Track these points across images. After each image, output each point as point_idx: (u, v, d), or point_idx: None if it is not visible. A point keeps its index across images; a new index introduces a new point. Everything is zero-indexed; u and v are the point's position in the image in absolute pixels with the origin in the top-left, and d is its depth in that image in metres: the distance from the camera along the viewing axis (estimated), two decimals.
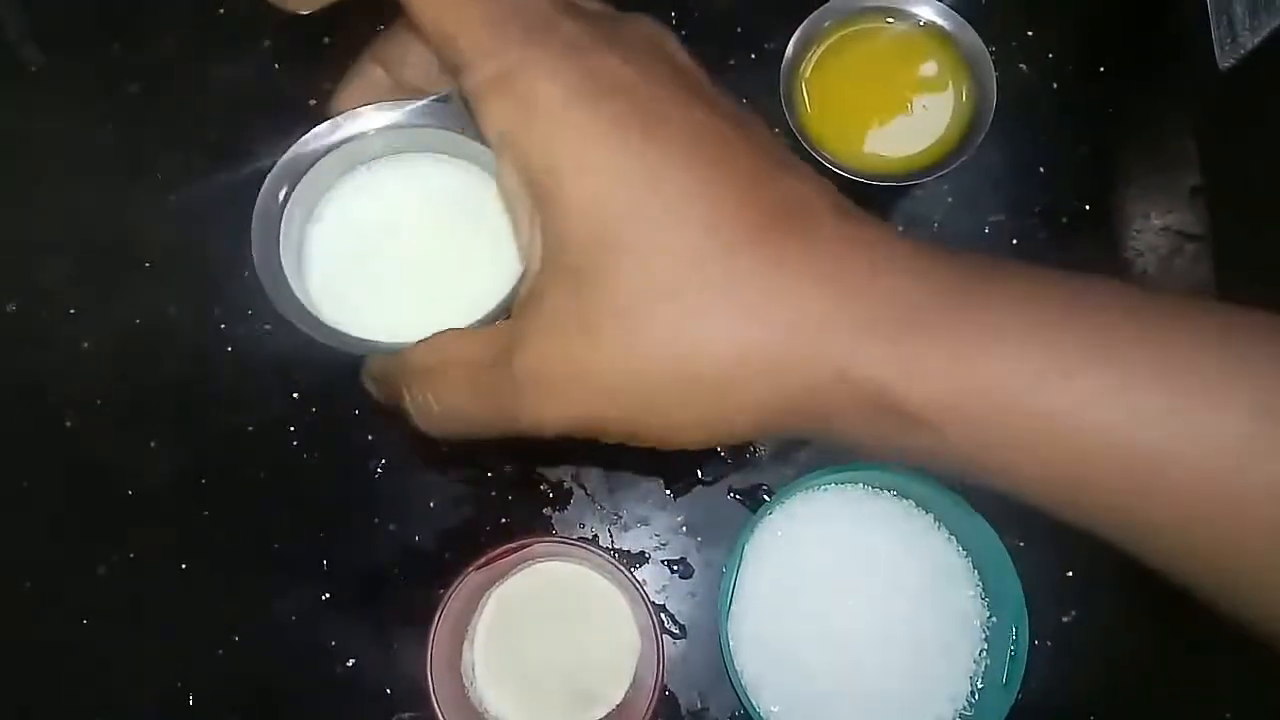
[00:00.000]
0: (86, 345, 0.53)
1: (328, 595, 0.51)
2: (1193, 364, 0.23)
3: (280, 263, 0.33)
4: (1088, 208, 0.55)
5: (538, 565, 0.49)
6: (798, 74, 0.47)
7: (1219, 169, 0.54)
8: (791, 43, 0.46)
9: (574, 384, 0.25)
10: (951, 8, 0.47)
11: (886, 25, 0.47)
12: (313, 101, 0.55)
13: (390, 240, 0.35)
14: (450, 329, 0.28)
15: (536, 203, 0.25)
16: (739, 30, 0.56)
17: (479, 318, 0.30)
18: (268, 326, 0.53)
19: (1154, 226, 0.55)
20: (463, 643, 0.48)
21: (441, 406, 0.28)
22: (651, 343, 0.23)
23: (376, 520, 0.51)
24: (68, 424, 0.52)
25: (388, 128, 0.33)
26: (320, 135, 0.33)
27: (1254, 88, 0.50)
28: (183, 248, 0.54)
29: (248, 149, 0.55)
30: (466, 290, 0.34)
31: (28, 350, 0.53)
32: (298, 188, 0.33)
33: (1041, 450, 0.23)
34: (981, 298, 0.24)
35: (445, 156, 0.35)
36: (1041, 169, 0.55)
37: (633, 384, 0.24)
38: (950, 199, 0.54)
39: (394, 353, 0.29)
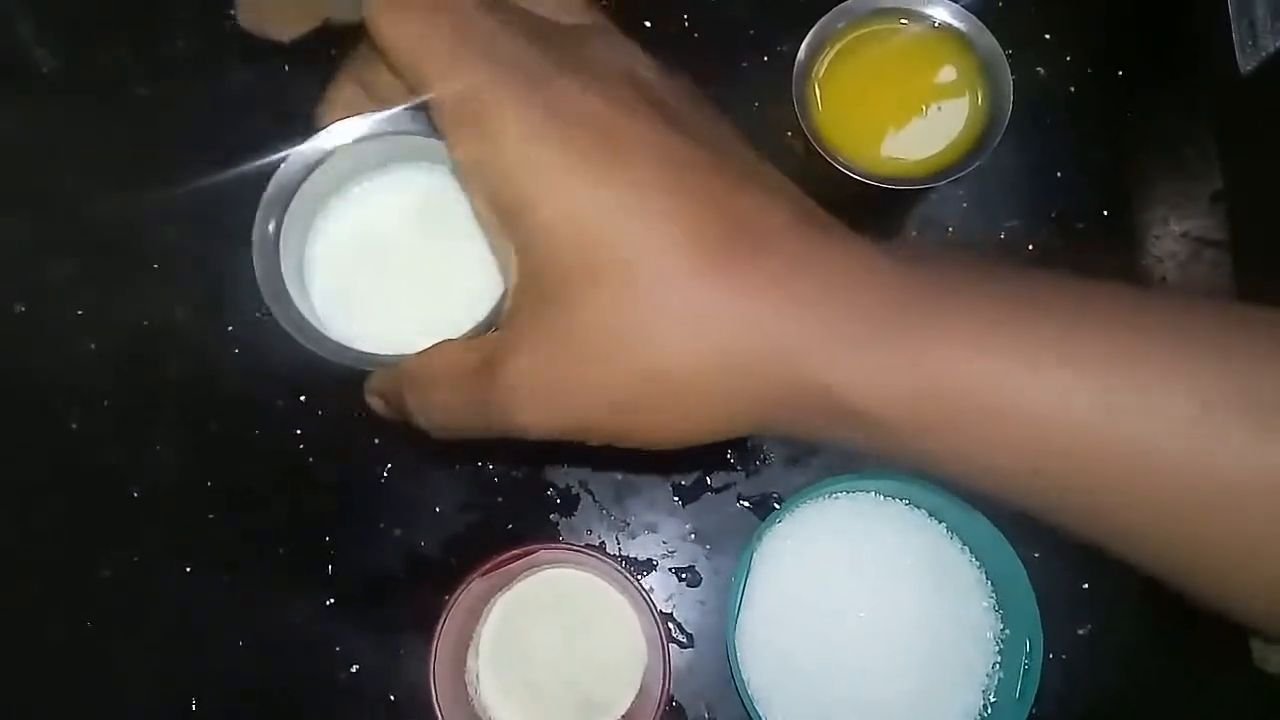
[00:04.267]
0: (93, 346, 0.53)
1: (332, 600, 0.50)
2: (1143, 356, 0.24)
3: (284, 285, 0.34)
4: (1105, 213, 0.54)
5: (543, 572, 0.49)
6: (810, 76, 0.46)
7: (1240, 174, 0.53)
8: (804, 45, 0.46)
9: (554, 395, 0.26)
10: (967, 9, 0.46)
11: (901, 27, 0.46)
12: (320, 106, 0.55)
13: (386, 252, 0.36)
14: (444, 341, 0.29)
15: (505, 229, 0.26)
16: (751, 32, 0.55)
17: (472, 326, 0.31)
18: (274, 330, 0.52)
19: (1173, 232, 0.54)
20: (467, 650, 0.48)
21: (438, 413, 0.29)
22: (622, 359, 0.25)
23: (382, 525, 0.51)
24: (73, 425, 0.52)
25: (371, 138, 0.33)
26: (305, 154, 0.33)
27: (1275, 92, 0.49)
28: (190, 250, 0.54)
29: (256, 153, 0.54)
30: (462, 297, 0.35)
31: (34, 351, 0.53)
32: (290, 207, 0.34)
33: (983, 442, 0.25)
34: (933, 301, 0.25)
35: (432, 164, 0.35)
36: (1058, 173, 0.54)
37: (608, 396, 0.26)
38: (965, 203, 0.54)
39: (394, 365, 0.31)
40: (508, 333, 0.27)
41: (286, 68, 0.55)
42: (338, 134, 0.33)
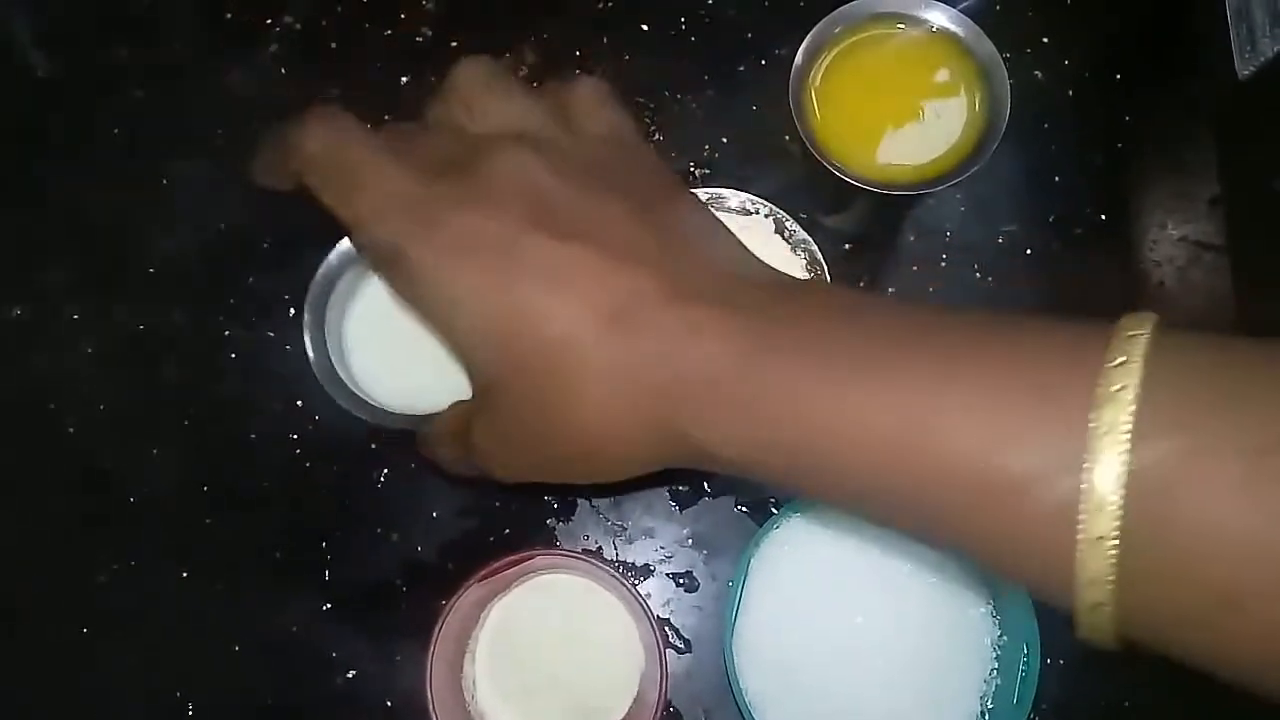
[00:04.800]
0: (90, 351, 0.52)
1: (329, 606, 0.50)
2: (948, 372, 0.26)
3: (333, 365, 0.44)
4: (1103, 218, 0.54)
5: (540, 578, 0.49)
6: (807, 81, 0.46)
7: (1238, 179, 0.53)
8: (801, 49, 0.46)
9: (508, 455, 0.33)
10: (964, 14, 0.46)
11: (898, 31, 0.46)
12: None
13: (415, 326, 0.44)
14: (449, 407, 0.38)
15: (440, 337, 0.33)
16: (749, 36, 0.55)
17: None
18: (271, 334, 0.53)
19: (1171, 237, 0.54)
20: (464, 656, 0.48)
21: (448, 463, 0.38)
22: (547, 423, 0.31)
23: (379, 530, 0.51)
24: (70, 430, 0.52)
25: None
26: (341, 254, 0.44)
27: (1274, 96, 0.49)
28: (186, 253, 0.54)
29: (252, 154, 0.54)
30: None
31: (31, 355, 0.53)
32: (330, 299, 0.44)
33: (825, 466, 0.28)
34: (771, 350, 0.28)
35: None
36: (1057, 178, 0.54)
37: (547, 453, 0.32)
38: (963, 208, 0.54)
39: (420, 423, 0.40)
40: (472, 406, 0.34)
41: (283, 70, 0.55)
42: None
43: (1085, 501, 0.23)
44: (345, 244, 0.44)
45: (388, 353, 0.46)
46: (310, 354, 0.44)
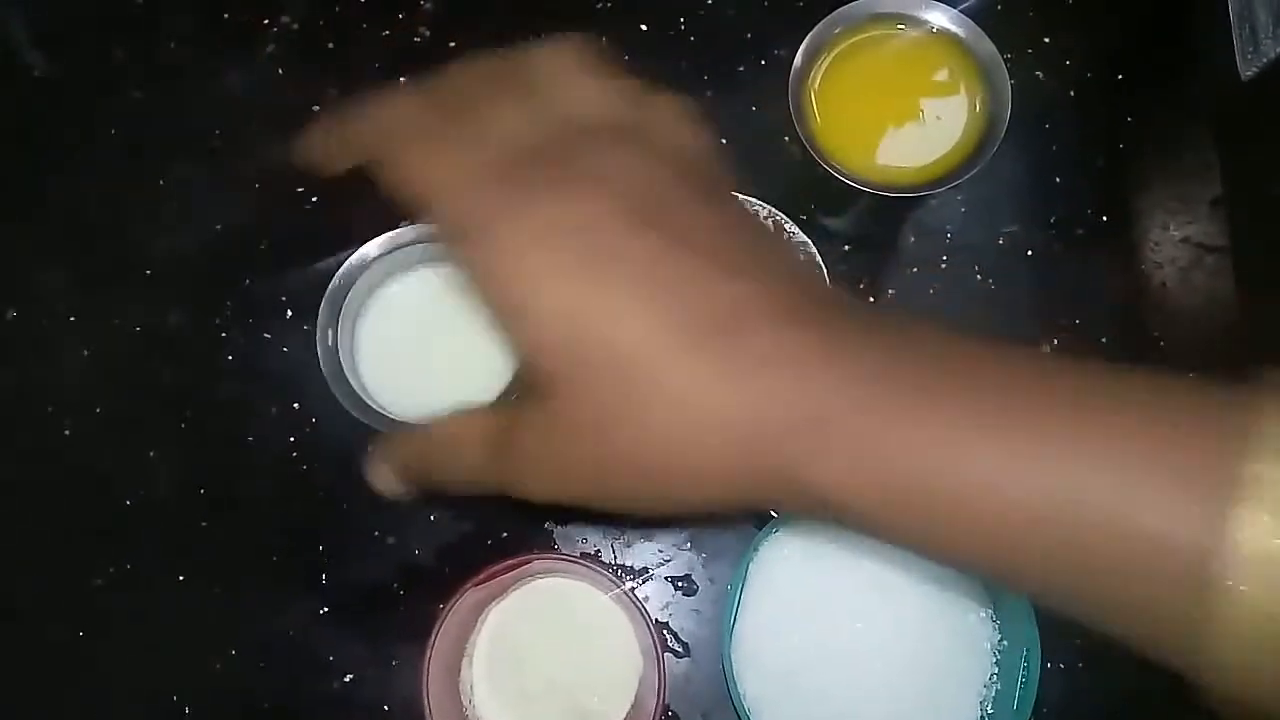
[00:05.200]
0: (86, 353, 0.52)
1: (326, 609, 0.50)
2: (1098, 434, 0.24)
3: (343, 372, 0.45)
4: (1105, 219, 0.53)
5: (538, 582, 0.48)
6: (807, 82, 0.46)
7: (1240, 180, 0.52)
8: (800, 51, 0.45)
9: (554, 471, 0.29)
10: (965, 14, 0.45)
11: (898, 32, 0.46)
12: (315, 107, 0.54)
13: (423, 336, 0.46)
14: (475, 406, 0.33)
15: (504, 327, 0.29)
16: (748, 36, 0.55)
17: (496, 396, 0.41)
18: (268, 336, 0.52)
19: (1173, 238, 0.53)
20: (461, 660, 0.48)
21: (464, 470, 0.33)
22: (608, 443, 0.27)
23: (376, 533, 0.51)
24: (66, 432, 0.51)
25: (402, 246, 0.47)
26: (353, 264, 0.46)
27: (1276, 97, 0.49)
28: (183, 255, 0.53)
29: (250, 154, 0.54)
30: (483, 372, 0.46)
31: (27, 357, 0.52)
32: (343, 308, 0.45)
33: (948, 522, 0.25)
34: (900, 386, 0.26)
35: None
36: (1058, 179, 0.54)
37: (599, 476, 0.28)
38: (964, 209, 0.53)
39: (428, 426, 0.35)
40: (520, 409, 0.30)
41: (280, 70, 0.55)
42: (377, 244, 0.46)
43: (1234, 565, 0.22)
44: (360, 252, 0.46)
45: (399, 361, 0.47)
46: (321, 361, 0.44)
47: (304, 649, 0.50)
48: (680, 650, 0.50)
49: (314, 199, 0.53)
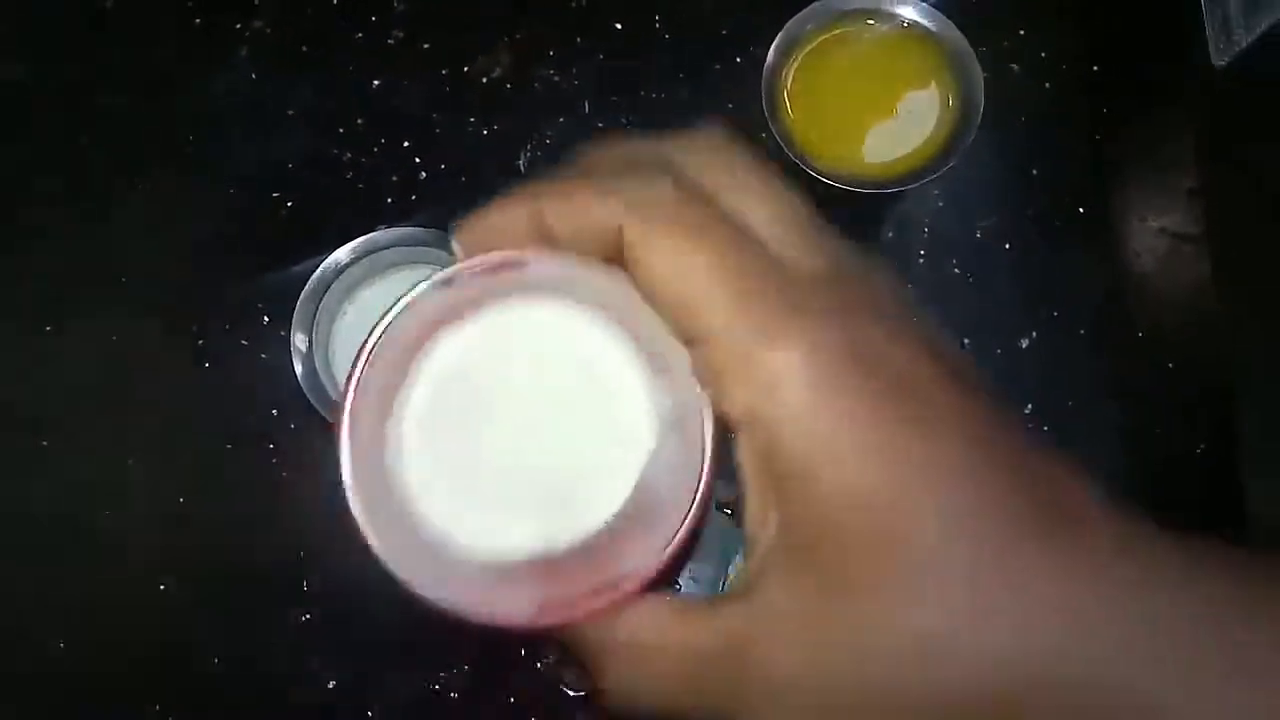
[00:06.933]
0: (63, 364, 0.52)
1: (308, 616, 0.50)
2: None
3: (316, 371, 0.44)
4: (1082, 210, 0.53)
5: (512, 308, 0.30)
6: (780, 80, 0.46)
7: (1217, 169, 0.52)
8: (772, 48, 0.45)
9: (827, 709, 0.21)
10: (935, 7, 0.45)
11: (869, 27, 0.46)
12: (290, 111, 0.54)
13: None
14: (666, 603, 0.23)
15: (779, 486, 0.22)
16: (723, 33, 0.55)
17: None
18: (245, 343, 0.52)
19: (1151, 228, 0.53)
20: (390, 405, 0.30)
21: (646, 692, 0.23)
22: (920, 667, 0.20)
23: (357, 538, 0.50)
24: (44, 444, 0.51)
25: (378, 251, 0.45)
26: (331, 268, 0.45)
27: (1251, 86, 0.49)
28: (158, 261, 0.53)
29: (227, 160, 0.54)
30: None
31: (3, 368, 0.52)
32: (322, 303, 0.45)
33: None
34: (1258, 608, 0.21)
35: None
36: (1034, 171, 0.54)
37: (899, 712, 0.20)
38: (941, 203, 0.53)
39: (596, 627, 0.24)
40: (761, 611, 0.22)
41: (254, 74, 0.55)
42: (351, 248, 0.45)
43: None
44: (334, 256, 0.45)
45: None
46: (297, 366, 0.44)
47: (287, 657, 0.50)
48: None
49: (289, 204, 0.53)
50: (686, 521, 0.24)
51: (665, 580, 0.24)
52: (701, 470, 0.25)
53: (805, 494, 0.21)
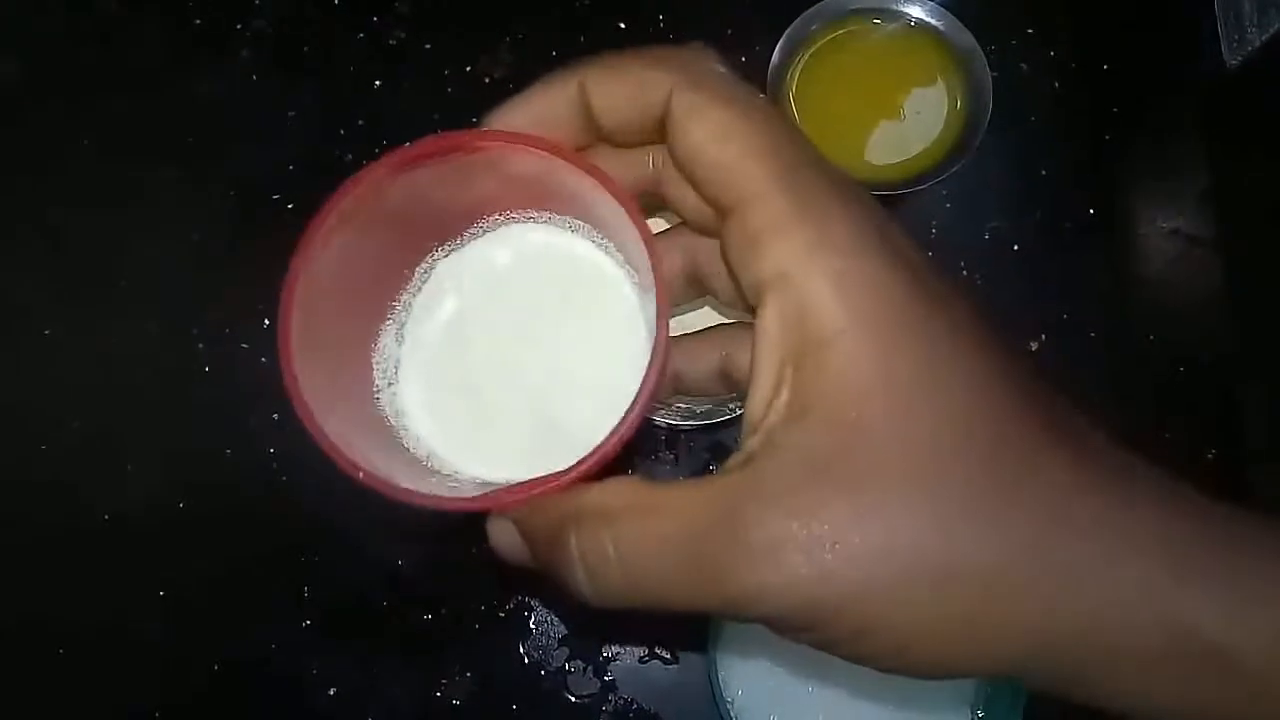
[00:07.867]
0: (62, 365, 0.52)
1: (308, 622, 0.49)
2: None
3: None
4: (1092, 212, 0.53)
5: (524, 229, 0.30)
6: (785, 80, 0.45)
7: (1228, 171, 0.52)
8: (777, 48, 0.45)
9: (822, 559, 0.20)
10: (943, 6, 0.45)
11: (875, 26, 0.45)
12: (291, 113, 0.54)
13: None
14: (634, 479, 0.23)
15: (799, 355, 0.21)
16: (729, 32, 0.54)
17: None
18: (245, 346, 0.52)
19: (1162, 230, 0.53)
20: (381, 326, 0.29)
21: (628, 569, 0.22)
22: (928, 527, 0.20)
23: (358, 544, 0.50)
24: (43, 446, 0.51)
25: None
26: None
27: (1262, 87, 0.48)
28: (160, 265, 0.53)
29: (226, 161, 0.54)
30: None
31: (2, 370, 0.52)
32: None
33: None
34: (1243, 531, 0.22)
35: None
36: (1043, 172, 0.53)
37: (885, 575, 0.20)
38: (949, 204, 0.53)
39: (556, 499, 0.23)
40: (759, 477, 0.21)
41: (254, 75, 0.54)
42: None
43: None
44: None
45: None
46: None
47: (286, 663, 0.49)
48: (668, 658, 0.49)
49: (289, 205, 0.53)
50: (636, 406, 0.23)
51: (612, 464, 0.23)
52: (652, 357, 0.24)
53: (826, 362, 0.21)
